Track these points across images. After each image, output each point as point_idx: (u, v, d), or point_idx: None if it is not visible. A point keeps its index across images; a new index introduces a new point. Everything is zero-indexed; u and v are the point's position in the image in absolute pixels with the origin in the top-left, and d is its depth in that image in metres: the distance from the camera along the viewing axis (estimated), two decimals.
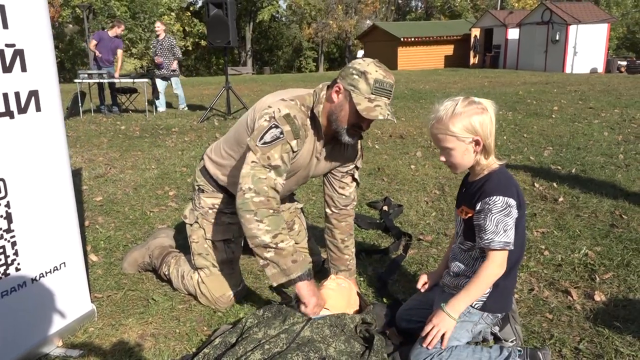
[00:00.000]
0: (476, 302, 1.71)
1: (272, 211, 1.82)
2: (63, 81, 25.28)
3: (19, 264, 1.78)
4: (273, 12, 40.62)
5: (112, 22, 9.90)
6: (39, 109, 1.78)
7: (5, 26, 1.63)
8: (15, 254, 1.77)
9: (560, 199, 3.57)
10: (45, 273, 1.90)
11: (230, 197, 2.24)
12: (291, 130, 1.86)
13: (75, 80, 9.12)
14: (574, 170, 4.32)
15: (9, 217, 1.72)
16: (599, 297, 2.21)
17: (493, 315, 1.74)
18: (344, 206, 2.26)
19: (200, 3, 37.78)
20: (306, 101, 1.97)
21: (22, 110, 1.73)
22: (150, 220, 3.42)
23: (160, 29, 9.43)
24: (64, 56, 33.66)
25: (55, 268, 1.93)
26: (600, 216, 3.23)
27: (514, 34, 23.69)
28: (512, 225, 1.60)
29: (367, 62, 1.87)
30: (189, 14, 36.08)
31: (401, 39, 27.14)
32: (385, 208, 3.47)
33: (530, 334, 1.96)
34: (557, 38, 20.89)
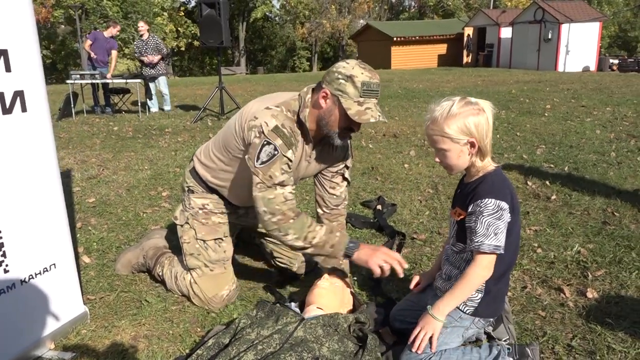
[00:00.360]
0: (468, 308, 1.70)
1: (292, 220, 1.89)
2: (55, 82, 25.14)
3: (7, 266, 1.77)
4: (266, 12, 40.60)
5: (108, 23, 9.80)
6: (24, 109, 1.76)
7: None
8: (3, 255, 1.75)
9: (553, 197, 3.59)
10: (35, 274, 1.88)
11: (220, 198, 2.25)
12: (283, 142, 1.88)
13: (68, 81, 9.05)
14: (566, 168, 4.34)
15: None
16: (592, 294, 2.22)
17: (485, 320, 1.74)
18: (335, 206, 2.26)
19: (193, 3, 37.71)
20: (291, 106, 1.97)
21: (7, 110, 1.71)
22: (144, 221, 3.40)
23: (144, 29, 9.23)
24: (56, 57, 33.46)
25: (45, 269, 1.92)
26: (593, 214, 3.25)
27: (506, 32, 23.78)
28: (504, 229, 1.59)
29: (352, 65, 1.86)
30: (181, 14, 35.95)
31: (394, 38, 27.19)
32: (379, 207, 3.47)
33: (523, 332, 1.96)
34: (550, 37, 21.00)
